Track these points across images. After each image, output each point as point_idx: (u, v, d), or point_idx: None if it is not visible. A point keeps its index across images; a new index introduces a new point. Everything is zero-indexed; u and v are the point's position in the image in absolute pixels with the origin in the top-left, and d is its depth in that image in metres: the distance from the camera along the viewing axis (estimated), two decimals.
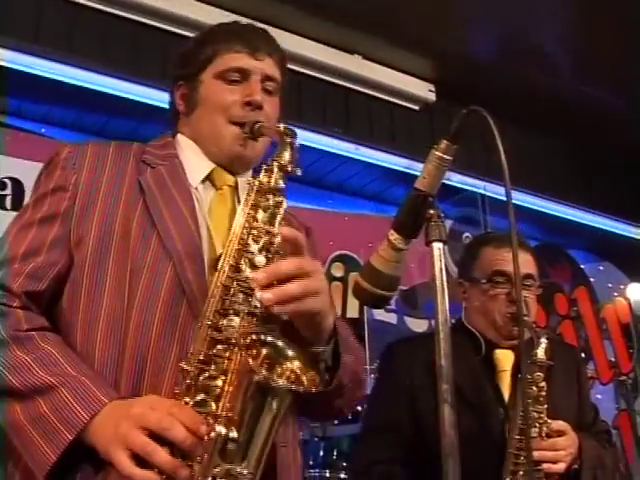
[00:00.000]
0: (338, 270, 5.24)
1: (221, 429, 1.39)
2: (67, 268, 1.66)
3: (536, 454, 2.29)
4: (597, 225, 6.32)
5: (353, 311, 5.05)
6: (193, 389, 1.47)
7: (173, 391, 1.50)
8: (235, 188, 1.84)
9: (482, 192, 5.39)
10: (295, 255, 1.54)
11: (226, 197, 1.82)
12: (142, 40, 4.47)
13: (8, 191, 4.16)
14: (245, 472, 1.39)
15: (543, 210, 6.00)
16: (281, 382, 1.42)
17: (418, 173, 4.85)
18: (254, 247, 1.53)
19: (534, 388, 2.38)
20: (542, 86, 5.47)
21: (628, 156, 6.09)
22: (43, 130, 4.40)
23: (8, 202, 4.15)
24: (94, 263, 1.64)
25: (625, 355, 4.68)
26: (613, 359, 4.68)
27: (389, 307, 5.17)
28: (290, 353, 1.46)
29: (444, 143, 1.46)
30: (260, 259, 1.52)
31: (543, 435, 2.32)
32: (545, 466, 2.29)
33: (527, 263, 2.58)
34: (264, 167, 1.63)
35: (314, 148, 4.87)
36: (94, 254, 1.64)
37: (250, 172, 1.88)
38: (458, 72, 5.33)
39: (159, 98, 4.00)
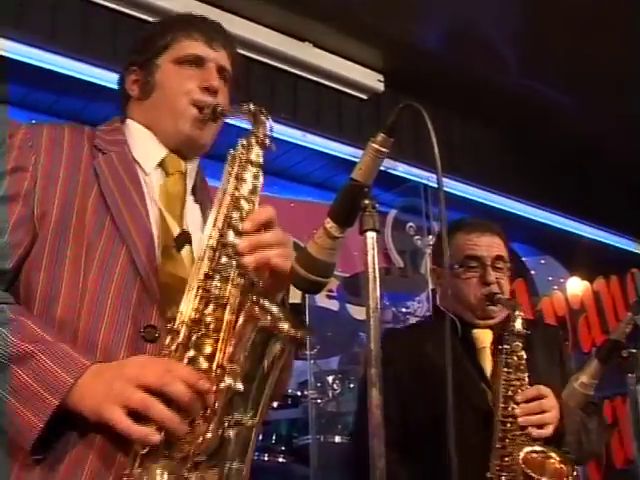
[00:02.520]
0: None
1: (230, 380, 1.43)
2: (29, 249, 1.66)
3: (521, 419, 2.35)
4: (539, 219, 6.42)
5: (295, 296, 5.07)
6: (182, 347, 1.50)
7: (160, 352, 1.53)
8: (184, 175, 1.87)
9: (426, 182, 5.44)
10: (269, 226, 1.62)
11: (177, 182, 1.84)
12: (92, 19, 4.44)
13: None
14: (251, 421, 1.46)
15: (486, 202, 6.07)
16: (286, 327, 1.48)
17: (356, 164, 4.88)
18: (237, 215, 1.59)
19: (514, 358, 2.46)
20: (488, 79, 5.54)
21: (570, 150, 6.21)
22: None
23: None
24: (54, 241, 1.65)
25: None
26: None
27: (331, 294, 5.20)
28: (282, 316, 1.50)
29: (381, 136, 1.49)
30: (243, 225, 1.58)
31: (518, 400, 2.39)
32: (534, 432, 2.35)
33: (497, 245, 2.68)
34: (241, 141, 1.68)
35: None
36: (54, 233, 1.65)
37: (198, 160, 1.93)
38: (407, 63, 5.38)
39: (108, 78, 3.98)
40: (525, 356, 2.47)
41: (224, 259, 1.56)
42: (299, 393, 4.43)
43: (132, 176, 1.77)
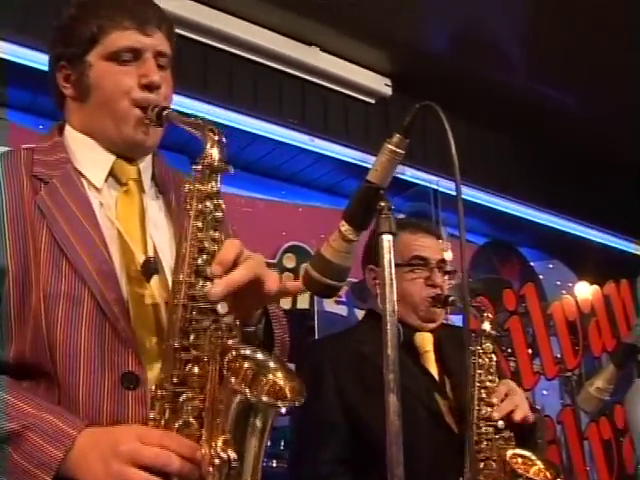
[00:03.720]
0: (289, 261, 5.23)
1: (224, 456, 1.38)
2: None
3: (501, 423, 2.31)
4: (547, 223, 6.38)
5: (303, 302, 5.05)
6: (170, 412, 1.45)
7: (147, 416, 1.47)
8: (139, 180, 1.75)
9: (435, 187, 5.41)
10: (238, 258, 1.49)
11: (132, 193, 1.73)
12: None
13: None
14: None
15: (494, 207, 6.04)
16: (265, 398, 1.41)
17: (372, 166, 4.82)
18: (203, 258, 1.49)
19: (486, 359, 2.43)
20: (496, 82, 5.51)
21: (579, 155, 6.17)
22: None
23: None
24: (16, 297, 1.56)
25: (571, 352, 4.75)
26: (559, 355, 4.74)
27: (339, 299, 5.18)
28: (271, 365, 1.45)
29: (397, 137, 1.47)
30: (210, 269, 1.46)
31: (494, 402, 2.35)
32: (515, 416, 2.31)
33: (441, 249, 2.66)
34: (194, 169, 1.53)
35: (269, 138, 4.85)
36: (14, 288, 1.56)
37: (150, 156, 1.81)
38: (414, 66, 5.34)
39: None
40: (495, 358, 2.45)
41: (196, 312, 1.46)
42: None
43: (80, 200, 1.64)
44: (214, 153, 1.52)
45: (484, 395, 2.37)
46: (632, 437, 4.75)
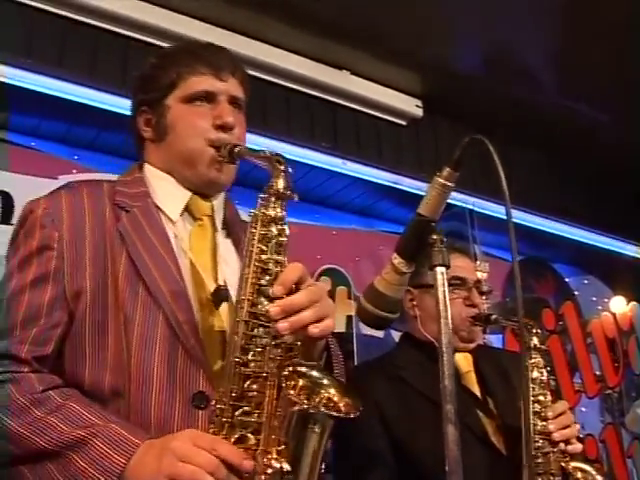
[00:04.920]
0: (325, 284, 5.26)
1: (277, 465, 1.43)
2: (69, 326, 1.66)
3: (557, 434, 2.31)
4: (581, 239, 6.37)
5: (339, 325, 5.08)
6: (228, 426, 1.50)
7: (207, 430, 1.52)
8: (212, 216, 1.85)
9: (471, 207, 5.42)
10: (301, 282, 1.55)
11: (205, 228, 1.83)
12: (130, 55, 4.48)
13: None
14: None
15: (528, 224, 6.04)
16: (322, 409, 1.45)
17: (405, 187, 4.89)
18: (266, 279, 1.55)
19: (537, 373, 2.44)
20: (528, 101, 5.51)
21: (611, 169, 6.15)
22: (33, 144, 4.39)
23: None
24: (93, 318, 1.64)
25: (611, 369, 4.73)
26: (599, 373, 4.73)
27: None
28: (325, 382, 1.50)
29: (446, 170, 1.51)
30: (273, 289, 1.53)
31: (550, 416, 2.36)
32: (569, 448, 2.33)
33: (474, 270, 2.72)
34: (261, 197, 1.63)
35: (302, 162, 4.90)
36: (92, 309, 1.65)
37: (223, 192, 1.91)
38: (445, 87, 5.37)
39: None
40: (545, 372, 2.46)
41: (257, 330, 1.53)
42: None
43: (158, 231, 1.74)
44: (280, 182, 1.61)
45: (538, 409, 2.37)
46: None
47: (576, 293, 6.58)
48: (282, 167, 1.63)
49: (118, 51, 4.44)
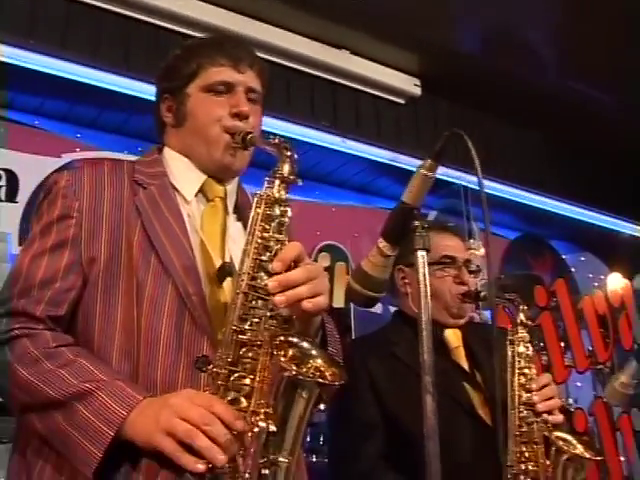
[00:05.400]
0: (324, 260, 5.32)
1: (263, 425, 1.53)
2: (82, 290, 1.77)
3: (541, 405, 2.40)
4: (578, 216, 6.45)
5: (339, 301, 5.15)
6: (223, 389, 1.60)
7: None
8: (224, 199, 1.96)
9: (465, 184, 5.49)
10: (299, 260, 1.66)
11: (217, 209, 1.94)
12: (132, 34, 4.54)
13: (2, 182, 4.24)
14: (286, 460, 1.55)
15: (526, 202, 6.11)
16: (310, 376, 1.55)
17: (403, 165, 4.96)
18: (267, 255, 1.65)
19: (523, 347, 2.52)
20: (527, 81, 5.58)
21: (609, 147, 6.23)
22: (36, 122, 4.46)
23: (2, 193, 4.23)
24: (106, 282, 1.75)
25: (602, 345, 4.81)
26: (590, 349, 4.81)
27: None
28: (314, 352, 1.60)
29: (428, 162, 1.59)
30: (272, 265, 1.64)
31: (534, 388, 2.45)
32: (550, 418, 2.41)
33: (465, 250, 2.79)
34: (267, 179, 1.73)
35: (302, 141, 4.96)
36: (105, 273, 1.76)
37: (237, 179, 2.02)
38: (443, 67, 5.43)
39: (148, 91, 4.08)
40: (531, 347, 2.54)
41: (255, 302, 1.62)
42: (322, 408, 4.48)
43: (173, 209, 1.85)
44: (285, 167, 1.72)
45: (523, 381, 2.46)
46: None
47: (573, 270, 6.66)
48: (289, 153, 1.74)
49: (120, 31, 4.50)
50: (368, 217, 5.68)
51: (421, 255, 1.47)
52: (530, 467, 2.35)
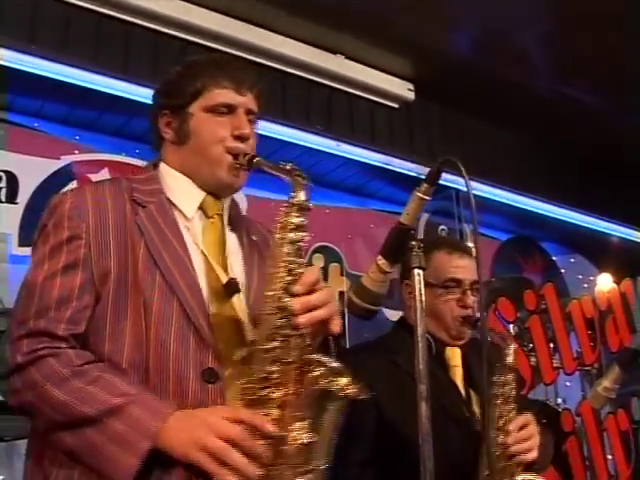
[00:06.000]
0: (318, 261, 5.38)
1: (304, 436, 1.66)
2: (95, 307, 1.83)
3: (514, 447, 2.45)
4: (569, 219, 6.54)
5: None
6: (255, 403, 1.71)
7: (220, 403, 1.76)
8: (222, 215, 2.03)
9: (457, 187, 5.56)
10: (317, 283, 1.77)
11: (216, 225, 2.01)
12: (131, 39, 4.60)
13: (3, 184, 4.31)
14: (321, 467, 1.69)
15: (516, 204, 6.19)
16: (341, 385, 1.68)
17: (396, 168, 5.02)
18: (290, 278, 1.76)
19: (506, 389, 2.55)
20: (519, 85, 5.65)
21: (600, 150, 6.30)
22: (36, 124, 4.53)
23: (2, 195, 4.30)
24: (115, 299, 1.81)
25: (589, 347, 4.89)
26: (578, 351, 4.89)
27: None
28: (340, 370, 1.71)
29: (424, 186, 1.68)
30: (295, 288, 1.74)
31: (511, 430, 2.48)
32: (523, 457, 2.46)
33: (474, 269, 2.72)
34: (285, 206, 1.82)
35: (297, 144, 5.05)
36: (115, 291, 1.82)
37: (230, 197, 2.09)
38: (437, 71, 5.49)
39: (147, 95, 4.14)
40: (514, 389, 2.57)
41: (281, 321, 1.72)
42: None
43: (173, 227, 1.91)
44: (301, 195, 1.80)
45: (501, 424, 2.49)
46: None
47: (563, 271, 6.75)
48: (303, 181, 1.82)
49: (120, 36, 4.56)
50: (361, 219, 5.76)
51: (417, 273, 1.57)
52: None
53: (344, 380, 1.69)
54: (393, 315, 5.42)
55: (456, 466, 2.41)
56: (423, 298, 1.54)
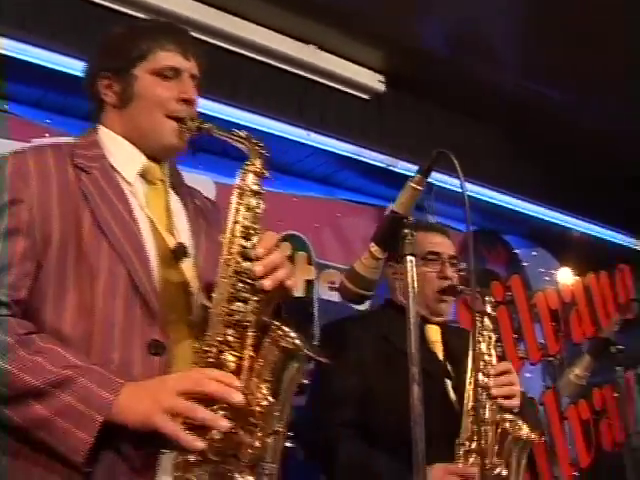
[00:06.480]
0: (286, 249, 5.41)
1: (270, 399, 1.71)
2: (36, 275, 1.79)
3: (494, 390, 2.57)
4: (531, 212, 6.60)
5: (298, 290, 5.27)
6: (213, 365, 1.73)
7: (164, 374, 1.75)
8: (164, 179, 2.03)
9: (432, 181, 5.59)
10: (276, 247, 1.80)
11: (159, 189, 2.01)
12: (107, 24, 4.53)
13: None
14: (283, 429, 1.73)
15: (481, 197, 6.26)
16: (300, 344, 1.73)
17: (365, 159, 5.07)
18: (247, 243, 1.80)
19: (486, 335, 2.69)
20: (488, 79, 5.69)
21: (563, 146, 6.40)
22: (7, 107, 4.50)
23: None
24: (58, 267, 1.78)
25: (553, 338, 5.00)
26: (542, 341, 4.99)
27: (333, 285, 5.43)
28: (297, 342, 1.75)
29: (418, 177, 1.74)
30: (257, 251, 1.78)
31: (492, 373, 2.61)
32: (505, 402, 2.58)
33: (451, 246, 2.96)
34: (241, 172, 1.85)
35: (267, 132, 5.05)
36: (58, 259, 1.79)
37: (175, 164, 2.09)
38: (408, 64, 5.53)
39: None
40: (494, 336, 2.72)
41: (241, 284, 1.76)
42: (305, 381, 4.62)
43: (118, 192, 1.89)
44: (258, 161, 1.86)
45: (482, 365, 2.63)
46: (610, 418, 5.05)
47: (525, 264, 6.83)
48: (259, 148, 1.87)
49: (94, 21, 4.53)
50: (329, 208, 5.79)
51: (410, 260, 1.62)
52: (481, 445, 2.50)
53: (301, 342, 1.74)
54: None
55: (435, 434, 2.51)
56: (415, 283, 1.60)
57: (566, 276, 5.78)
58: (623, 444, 4.75)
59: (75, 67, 4.34)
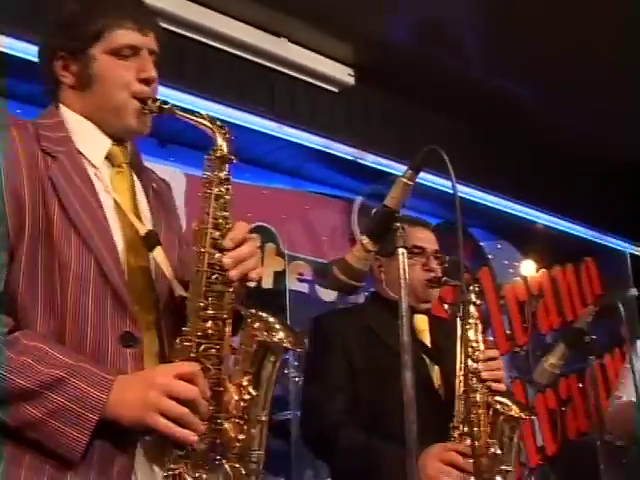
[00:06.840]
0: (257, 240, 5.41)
1: (254, 392, 1.74)
2: (9, 266, 1.72)
3: (485, 374, 2.61)
4: (496, 205, 6.67)
5: (267, 281, 5.30)
6: (194, 359, 1.73)
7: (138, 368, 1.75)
8: (128, 163, 1.95)
9: (394, 172, 5.64)
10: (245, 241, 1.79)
11: (125, 174, 1.92)
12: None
13: None
14: (265, 417, 1.77)
15: (445, 189, 6.30)
16: (277, 339, 1.76)
17: (334, 152, 5.10)
18: (217, 233, 1.77)
19: (473, 322, 2.72)
20: (455, 73, 5.77)
21: (527, 139, 6.51)
22: None
23: None
24: (29, 258, 1.72)
25: (520, 329, 5.08)
26: (509, 332, 5.07)
27: (301, 277, 5.47)
28: (277, 326, 1.79)
29: (409, 172, 1.78)
30: (225, 243, 1.76)
31: (481, 358, 2.65)
32: (494, 385, 2.62)
33: (434, 240, 3.07)
34: (208, 159, 1.80)
35: (236, 124, 5.06)
36: (28, 248, 1.72)
37: (134, 143, 2.01)
38: (376, 58, 5.58)
39: None
40: (480, 324, 2.76)
41: (214, 277, 1.75)
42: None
43: (84, 178, 1.81)
44: (224, 147, 1.80)
45: (470, 351, 2.66)
46: (576, 408, 5.15)
47: (490, 257, 6.92)
48: (225, 132, 1.81)
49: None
50: (297, 200, 5.81)
51: (401, 252, 1.66)
52: (474, 429, 2.55)
53: (281, 333, 1.77)
54: (326, 294, 5.54)
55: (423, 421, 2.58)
56: (407, 275, 1.64)
57: (530, 269, 5.87)
58: (588, 433, 4.85)
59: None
